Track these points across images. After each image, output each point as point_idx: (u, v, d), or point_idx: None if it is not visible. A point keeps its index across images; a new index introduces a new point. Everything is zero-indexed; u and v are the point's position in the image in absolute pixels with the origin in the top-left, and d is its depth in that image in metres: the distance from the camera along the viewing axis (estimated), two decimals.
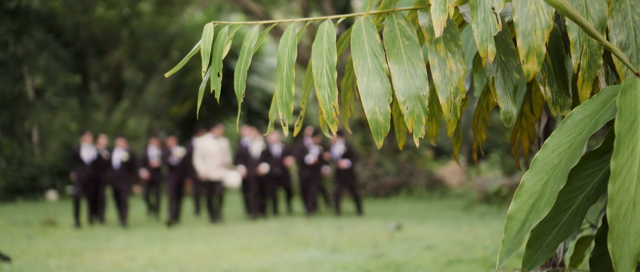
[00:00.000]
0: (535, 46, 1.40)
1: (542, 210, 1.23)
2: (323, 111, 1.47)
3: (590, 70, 1.44)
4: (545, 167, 1.27)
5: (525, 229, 1.25)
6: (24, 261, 7.16)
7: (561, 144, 1.27)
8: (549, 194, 1.23)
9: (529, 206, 1.26)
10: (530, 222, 1.24)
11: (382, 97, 1.45)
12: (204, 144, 10.67)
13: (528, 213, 1.26)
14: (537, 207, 1.25)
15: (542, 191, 1.26)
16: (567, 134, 1.27)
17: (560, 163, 1.25)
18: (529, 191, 1.28)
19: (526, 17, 1.41)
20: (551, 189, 1.23)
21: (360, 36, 1.52)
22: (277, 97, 1.51)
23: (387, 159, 15.02)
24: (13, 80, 18.23)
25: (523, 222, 1.26)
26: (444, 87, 1.48)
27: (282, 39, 1.55)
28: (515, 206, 1.28)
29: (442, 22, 1.39)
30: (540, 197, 1.25)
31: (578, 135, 1.26)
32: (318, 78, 1.49)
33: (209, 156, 10.57)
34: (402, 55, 1.48)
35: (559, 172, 1.24)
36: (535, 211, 1.25)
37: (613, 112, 1.23)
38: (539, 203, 1.25)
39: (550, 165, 1.27)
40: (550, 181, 1.25)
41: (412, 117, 1.44)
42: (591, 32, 1.31)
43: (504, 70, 1.54)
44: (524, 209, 1.27)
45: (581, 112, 1.29)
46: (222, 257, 6.92)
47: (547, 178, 1.26)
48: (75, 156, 10.85)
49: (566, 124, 1.29)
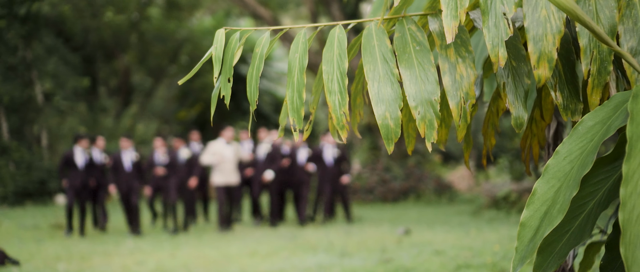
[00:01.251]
0: (546, 51, 1.40)
1: (555, 217, 1.23)
2: (333, 117, 1.47)
3: (600, 76, 1.43)
4: (557, 175, 1.27)
5: (539, 236, 1.24)
6: (33, 264, 7.19)
7: (573, 151, 1.27)
8: (561, 201, 1.23)
9: (542, 214, 1.26)
10: (544, 229, 1.23)
11: (393, 102, 1.45)
12: (218, 148, 10.22)
13: (541, 220, 1.26)
14: (550, 214, 1.24)
15: (554, 198, 1.25)
16: (579, 141, 1.27)
17: (572, 170, 1.25)
18: (541, 198, 1.27)
19: (537, 23, 1.41)
20: (564, 196, 1.23)
21: (371, 42, 1.52)
22: (288, 103, 1.51)
23: (395, 163, 15.00)
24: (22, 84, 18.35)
25: (536, 230, 1.26)
26: (454, 92, 1.48)
27: (293, 44, 1.55)
28: (528, 214, 1.28)
29: (454, 28, 1.39)
30: (552, 205, 1.25)
31: (589, 141, 1.25)
32: (329, 84, 1.49)
33: (225, 160, 10.12)
34: (413, 61, 1.49)
35: (571, 179, 1.24)
36: (548, 218, 1.24)
37: (624, 119, 1.22)
38: (551, 210, 1.24)
39: (562, 172, 1.27)
40: (562, 188, 1.25)
41: (424, 122, 1.45)
42: (602, 37, 1.31)
43: (515, 76, 1.54)
44: (537, 217, 1.27)
45: (592, 119, 1.28)
46: (231, 261, 6.92)
47: (560, 185, 1.26)
48: (67, 161, 10.07)
49: (577, 131, 1.28)
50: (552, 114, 1.90)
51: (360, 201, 14.28)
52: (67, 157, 10.07)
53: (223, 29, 1.58)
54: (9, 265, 7.21)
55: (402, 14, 1.59)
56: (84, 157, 10.06)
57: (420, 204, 13.88)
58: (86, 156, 10.10)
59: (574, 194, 1.20)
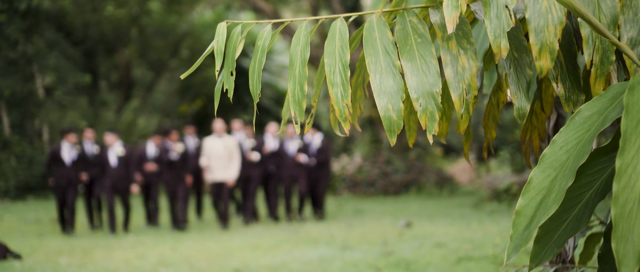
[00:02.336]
0: (547, 42, 1.40)
1: (550, 207, 1.23)
2: (335, 109, 1.47)
3: (603, 66, 1.44)
4: (553, 164, 1.27)
5: (533, 225, 1.25)
6: (35, 259, 7.21)
7: (569, 141, 1.27)
8: (557, 190, 1.23)
9: (537, 203, 1.27)
10: (538, 218, 1.24)
11: (395, 94, 1.45)
12: (208, 145, 9.70)
13: (536, 209, 1.26)
14: (545, 203, 1.25)
15: (550, 188, 1.26)
16: (576, 131, 1.27)
17: (568, 160, 1.25)
18: (537, 188, 1.28)
19: (539, 14, 1.42)
20: (559, 185, 1.23)
21: (372, 34, 1.53)
22: (290, 96, 1.52)
23: (396, 156, 15.01)
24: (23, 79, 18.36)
25: (531, 219, 1.26)
26: (456, 84, 1.49)
27: (295, 37, 1.56)
28: (523, 202, 1.28)
29: (455, 19, 1.40)
30: (548, 194, 1.25)
31: (586, 132, 1.26)
32: (331, 76, 1.49)
33: (215, 156, 9.56)
34: (415, 53, 1.49)
35: (567, 168, 1.24)
36: (543, 207, 1.25)
37: (621, 109, 1.22)
38: (547, 200, 1.25)
39: (558, 162, 1.27)
40: (558, 178, 1.25)
41: (425, 114, 1.45)
42: (600, 29, 1.31)
43: (517, 67, 1.54)
44: (532, 206, 1.27)
45: (589, 109, 1.29)
46: (232, 255, 6.94)
47: (555, 175, 1.26)
48: (54, 157, 9.40)
49: (574, 121, 1.29)
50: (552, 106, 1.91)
51: (362, 194, 14.30)
52: (53, 154, 9.46)
53: (224, 23, 1.58)
54: (11, 259, 7.24)
55: (403, 6, 1.59)
56: (72, 152, 9.43)
57: (422, 197, 13.90)
58: (75, 151, 9.46)
59: (569, 184, 1.20)
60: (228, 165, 9.58)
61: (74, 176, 9.41)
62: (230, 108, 22.31)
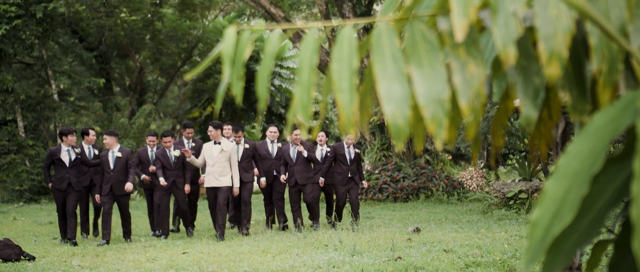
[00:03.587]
0: (557, 50, 1.41)
1: (565, 216, 1.24)
2: (342, 116, 1.48)
3: (610, 74, 1.44)
4: (567, 174, 1.28)
5: (549, 236, 1.26)
6: (48, 260, 7.28)
7: (583, 150, 1.28)
8: (572, 200, 1.24)
9: (553, 213, 1.27)
10: (554, 229, 1.24)
11: (403, 101, 1.46)
12: (206, 149, 9.24)
13: (552, 220, 1.27)
14: (561, 213, 1.25)
15: (564, 198, 1.26)
16: (588, 140, 1.28)
17: (582, 169, 1.26)
18: (551, 198, 1.28)
19: (548, 21, 1.42)
20: (573, 195, 1.24)
21: (380, 40, 1.54)
22: (297, 101, 1.53)
23: (406, 163, 15.00)
24: (38, 83, 18.56)
25: (547, 229, 1.27)
26: (465, 91, 1.49)
27: (303, 43, 1.57)
28: (539, 213, 1.28)
29: (464, 26, 1.40)
30: (563, 204, 1.26)
31: (599, 140, 1.26)
32: (338, 82, 1.50)
33: (210, 162, 9.13)
34: (423, 60, 1.50)
35: (581, 178, 1.25)
36: (558, 217, 1.25)
37: (634, 116, 1.23)
38: (562, 209, 1.25)
39: (572, 171, 1.27)
40: (572, 187, 1.26)
41: (433, 121, 1.46)
42: (613, 36, 1.31)
43: (525, 75, 1.55)
44: (548, 216, 1.27)
45: (602, 118, 1.29)
46: (242, 259, 6.96)
47: (570, 184, 1.27)
48: (52, 159, 8.91)
49: (587, 130, 1.29)
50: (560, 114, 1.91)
51: (371, 200, 14.29)
52: (52, 155, 8.91)
53: (233, 27, 1.59)
54: (25, 261, 7.30)
55: (411, 14, 1.60)
56: (71, 154, 8.95)
57: (431, 203, 13.86)
58: (74, 154, 8.98)
59: (584, 193, 1.21)
60: (223, 172, 9.13)
61: (74, 179, 8.95)
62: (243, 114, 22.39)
